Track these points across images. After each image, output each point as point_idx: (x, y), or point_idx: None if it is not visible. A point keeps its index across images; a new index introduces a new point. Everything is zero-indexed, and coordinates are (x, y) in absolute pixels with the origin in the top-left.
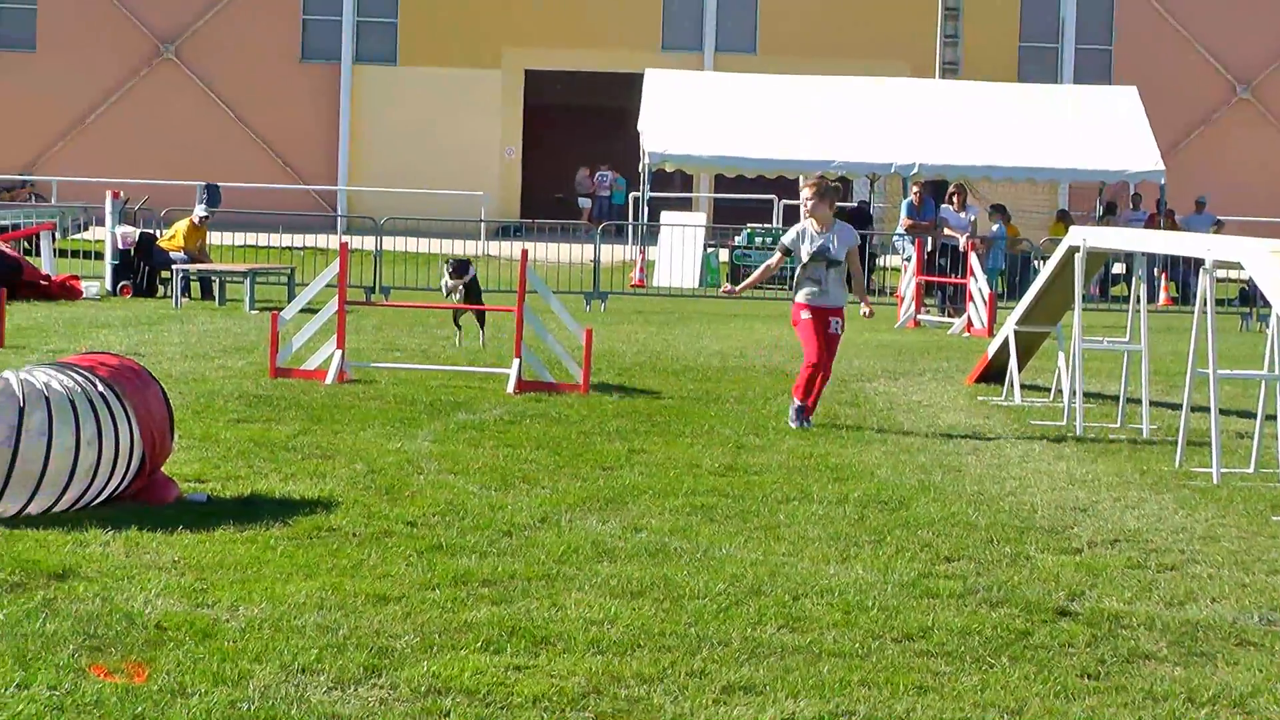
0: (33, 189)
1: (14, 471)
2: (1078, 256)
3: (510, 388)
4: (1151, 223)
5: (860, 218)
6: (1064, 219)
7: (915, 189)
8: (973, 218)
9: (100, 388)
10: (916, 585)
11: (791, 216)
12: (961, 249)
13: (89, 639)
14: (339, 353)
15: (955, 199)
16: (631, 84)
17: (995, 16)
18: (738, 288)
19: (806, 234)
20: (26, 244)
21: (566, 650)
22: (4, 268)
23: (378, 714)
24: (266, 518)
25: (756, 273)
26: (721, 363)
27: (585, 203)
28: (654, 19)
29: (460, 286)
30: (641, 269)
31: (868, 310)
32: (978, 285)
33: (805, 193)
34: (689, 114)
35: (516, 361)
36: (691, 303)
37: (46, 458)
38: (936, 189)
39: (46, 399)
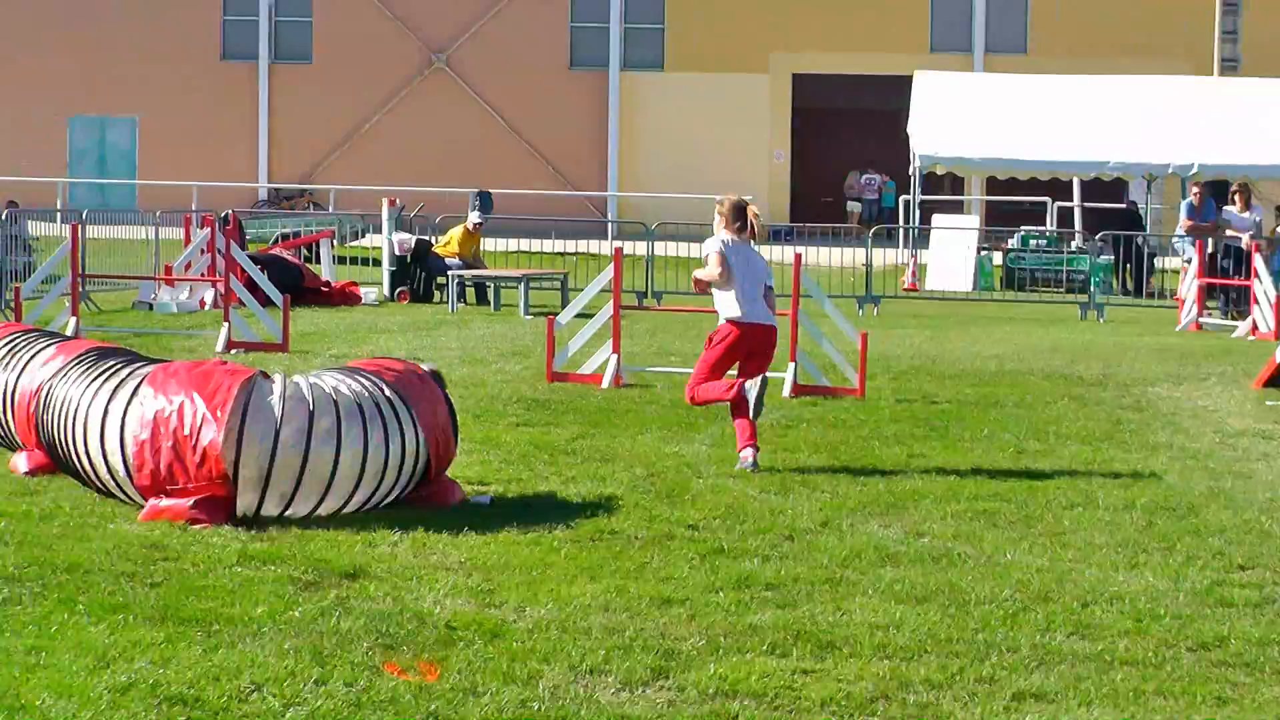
0: (311, 198)
1: (305, 474)
2: None
3: (786, 391)
4: None
5: (1129, 219)
6: None
7: (1195, 189)
8: (1258, 218)
9: (387, 392)
10: (1210, 594)
11: (1066, 219)
12: (1245, 250)
13: (382, 637)
14: (615, 357)
15: (1238, 199)
16: (900, 86)
17: (1276, 10)
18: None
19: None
20: (307, 251)
21: (853, 655)
22: (287, 275)
23: (666, 716)
24: (549, 520)
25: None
26: (998, 366)
27: (854, 206)
28: (922, 20)
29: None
30: (914, 272)
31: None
32: (1263, 287)
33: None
34: (959, 116)
35: (792, 365)
36: (965, 306)
37: (336, 461)
38: (1216, 189)
39: (335, 403)
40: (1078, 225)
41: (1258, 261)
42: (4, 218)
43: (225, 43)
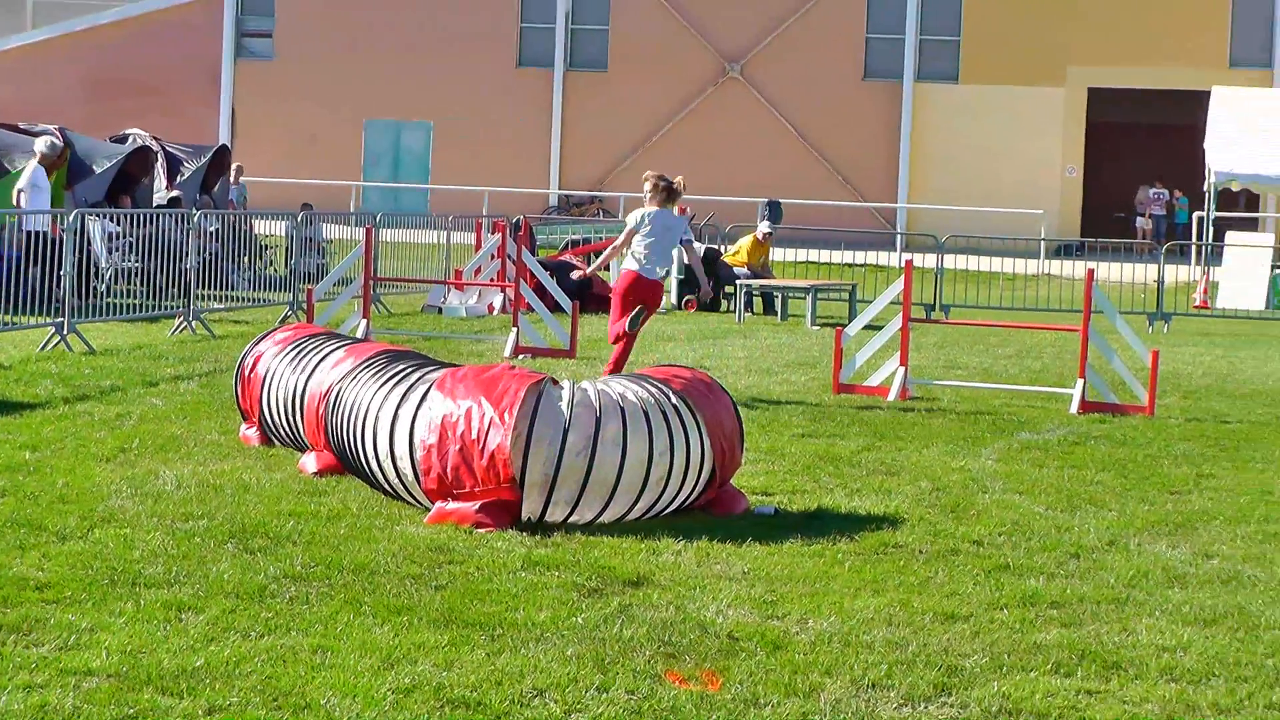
0: (601, 205)
1: (590, 480)
2: None
3: (1074, 408)
4: None
5: None
6: None
7: None
8: None
9: (673, 400)
10: None
11: None
12: None
13: (664, 645)
14: (902, 370)
15: None
16: (1197, 101)
17: None
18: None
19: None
20: (596, 258)
21: (1139, 676)
22: (575, 282)
23: None
24: (833, 532)
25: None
26: None
27: (1142, 222)
28: (1221, 35)
29: None
30: (1205, 289)
31: None
32: None
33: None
34: (1257, 132)
35: (1081, 382)
36: (1259, 325)
37: (621, 467)
38: None
39: (622, 410)
40: None
41: None
42: (299, 220)
43: (522, 49)
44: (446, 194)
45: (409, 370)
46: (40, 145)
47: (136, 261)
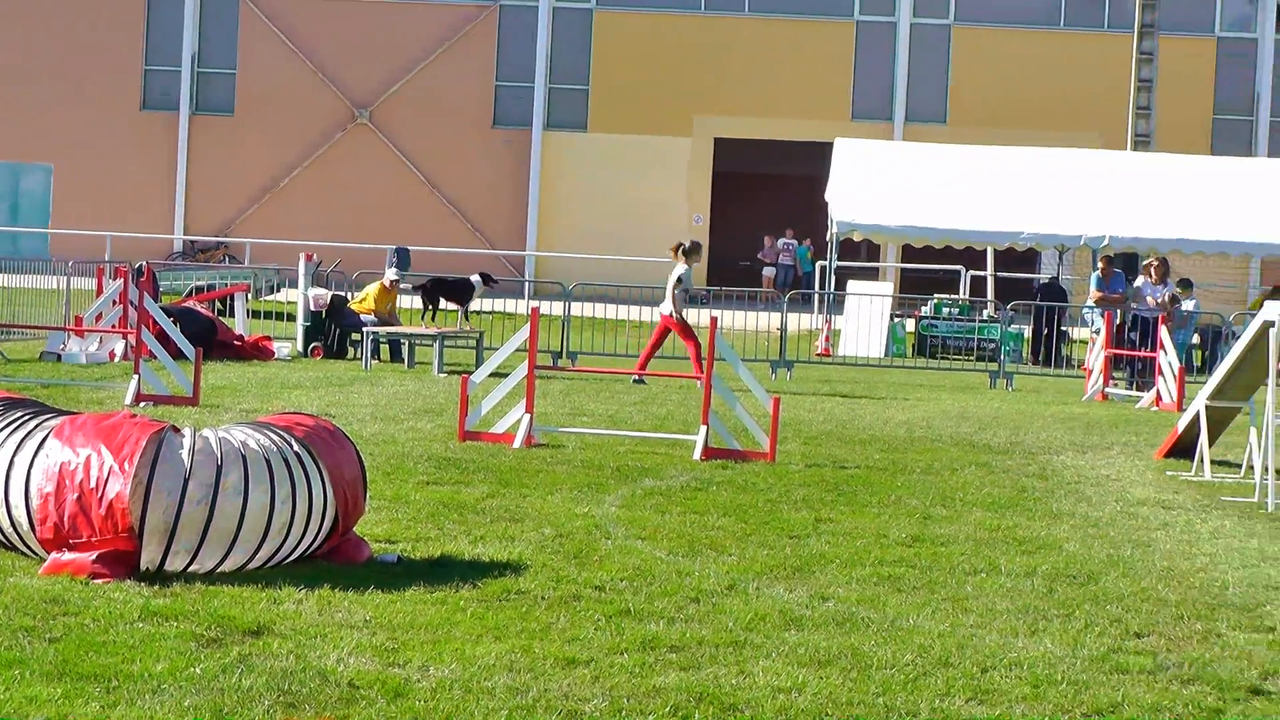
0: (227, 251)
1: (210, 529)
2: (1272, 332)
3: (697, 454)
4: None
5: (1054, 292)
6: (1276, 295)
7: (1101, 262)
8: (1171, 292)
9: (296, 447)
10: (1106, 660)
11: (978, 287)
12: (1153, 322)
13: (284, 695)
14: (528, 417)
15: (1154, 272)
16: (821, 153)
17: (1189, 89)
18: None
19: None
20: (220, 305)
21: (754, 717)
22: (199, 328)
23: None
24: (456, 579)
25: None
26: (908, 433)
27: (769, 271)
28: (844, 88)
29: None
30: (827, 338)
31: None
32: (1167, 359)
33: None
34: (878, 183)
35: (704, 428)
36: (878, 372)
37: (242, 515)
38: (1127, 262)
39: (244, 457)
40: (990, 294)
41: (1163, 334)
42: None
43: (146, 92)
44: (67, 238)
45: (26, 418)
46: None
47: None
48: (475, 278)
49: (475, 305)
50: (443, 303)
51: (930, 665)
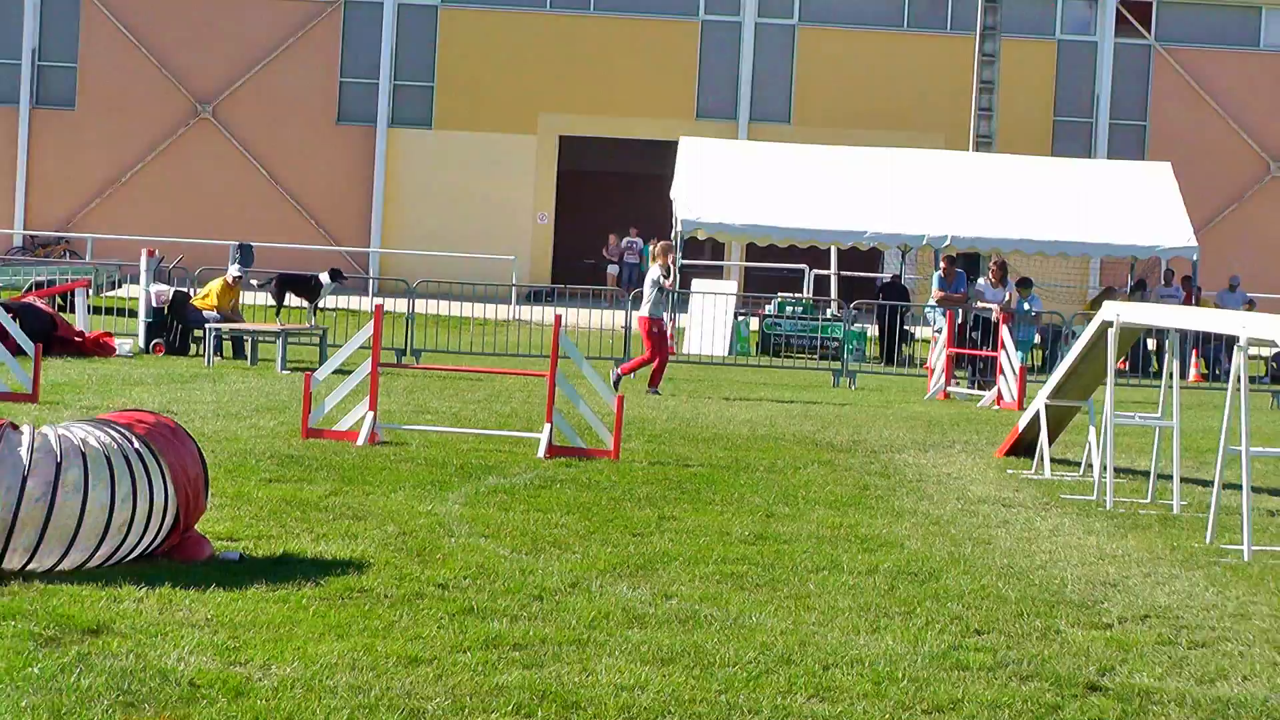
0: (68, 246)
1: (49, 526)
2: (1110, 332)
3: (541, 452)
4: (1189, 299)
5: (896, 291)
6: (1109, 295)
7: (943, 262)
8: (1010, 293)
9: (136, 444)
10: (946, 657)
11: (822, 286)
12: (994, 322)
13: (123, 694)
14: (371, 414)
15: (994, 273)
16: (666, 151)
17: (1030, 91)
18: None
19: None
20: (61, 300)
21: (597, 715)
22: (38, 324)
23: None
24: (299, 577)
25: None
26: (751, 431)
27: (614, 269)
28: (689, 87)
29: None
30: (671, 336)
31: None
32: (1008, 358)
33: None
34: (722, 182)
35: (548, 426)
36: (722, 370)
37: (82, 513)
38: (969, 262)
39: (83, 455)
40: (833, 293)
41: (1004, 334)
42: None
43: None
44: None
45: None
46: None
47: None
48: (324, 275)
49: (322, 303)
50: (288, 298)
51: (772, 663)
